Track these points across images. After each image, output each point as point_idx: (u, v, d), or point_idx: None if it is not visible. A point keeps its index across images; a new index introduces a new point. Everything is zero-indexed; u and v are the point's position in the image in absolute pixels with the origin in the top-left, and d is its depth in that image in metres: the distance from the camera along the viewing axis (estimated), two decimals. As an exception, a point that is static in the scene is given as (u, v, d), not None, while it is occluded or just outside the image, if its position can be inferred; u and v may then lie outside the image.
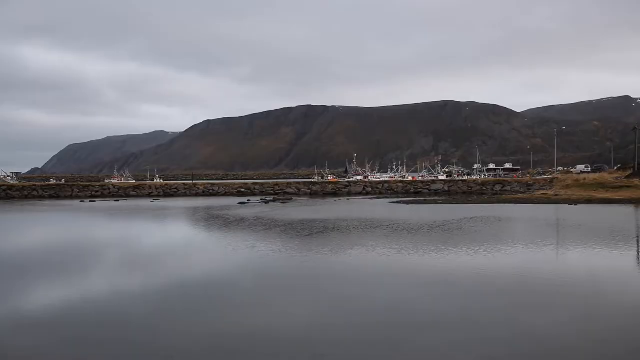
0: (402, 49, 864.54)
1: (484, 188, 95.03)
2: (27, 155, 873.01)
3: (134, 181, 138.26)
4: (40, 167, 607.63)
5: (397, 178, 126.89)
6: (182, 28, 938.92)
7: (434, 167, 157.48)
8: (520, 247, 27.57)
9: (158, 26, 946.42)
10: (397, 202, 67.41)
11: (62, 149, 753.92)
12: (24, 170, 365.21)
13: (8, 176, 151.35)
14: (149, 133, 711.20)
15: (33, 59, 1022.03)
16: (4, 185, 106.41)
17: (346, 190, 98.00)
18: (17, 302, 17.79)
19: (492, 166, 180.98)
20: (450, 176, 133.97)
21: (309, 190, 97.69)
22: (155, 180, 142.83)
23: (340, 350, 12.70)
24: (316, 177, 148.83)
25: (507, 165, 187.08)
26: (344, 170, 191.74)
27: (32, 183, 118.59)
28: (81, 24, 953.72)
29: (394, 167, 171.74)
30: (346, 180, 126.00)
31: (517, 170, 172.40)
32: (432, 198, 77.77)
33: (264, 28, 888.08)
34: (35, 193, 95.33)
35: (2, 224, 49.53)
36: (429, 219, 43.67)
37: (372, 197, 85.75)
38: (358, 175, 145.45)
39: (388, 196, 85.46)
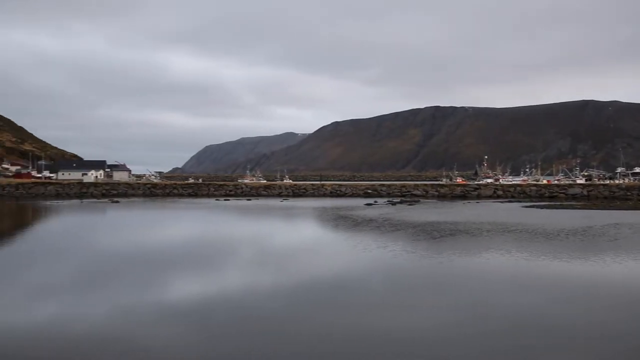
0: (538, 47, 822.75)
1: (629, 193, 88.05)
2: (169, 155, 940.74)
3: (264, 181, 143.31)
4: (180, 166, 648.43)
5: (530, 181, 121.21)
6: (314, 32, 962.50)
7: (571, 170, 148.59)
8: (674, 258, 25.18)
9: (291, 30, 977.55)
10: (531, 206, 64.35)
11: (200, 149, 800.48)
12: (166, 169, 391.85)
13: (152, 175, 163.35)
14: (280, 134, 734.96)
15: (176, 64, 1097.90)
16: (149, 183, 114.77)
17: (475, 193, 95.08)
18: (160, 294, 19.01)
19: (638, 170, 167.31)
20: (590, 180, 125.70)
21: (437, 193, 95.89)
22: (284, 181, 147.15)
23: (464, 356, 12.25)
24: (444, 180, 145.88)
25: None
26: (474, 172, 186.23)
27: (172, 182, 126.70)
28: (220, 30, 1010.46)
29: (527, 169, 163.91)
30: (476, 182, 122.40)
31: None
32: (569, 203, 73.38)
33: (393, 29, 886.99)
34: (175, 191, 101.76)
35: (148, 220, 53.37)
36: (567, 224, 41.18)
37: (503, 200, 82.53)
38: (488, 177, 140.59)
39: (520, 200, 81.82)
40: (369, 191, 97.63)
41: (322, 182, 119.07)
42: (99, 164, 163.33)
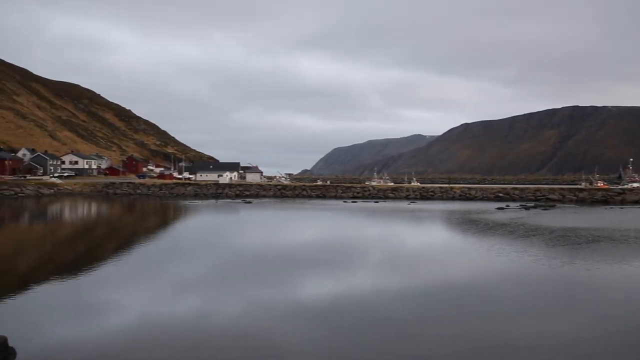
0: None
1: None
2: (298, 157, 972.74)
3: (392, 183, 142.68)
4: (309, 168, 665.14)
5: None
6: (443, 32, 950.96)
7: None
8: None
9: (419, 32, 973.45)
10: (685, 213, 58.66)
11: (328, 151, 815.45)
12: (295, 171, 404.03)
13: (283, 177, 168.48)
14: (408, 137, 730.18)
15: (307, 69, 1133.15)
16: (279, 185, 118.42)
17: (619, 198, 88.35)
18: (292, 293, 19.39)
19: None
20: None
21: (575, 197, 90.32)
22: (412, 183, 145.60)
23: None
24: (583, 183, 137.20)
25: None
26: (617, 176, 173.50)
27: (302, 183, 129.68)
28: (349, 34, 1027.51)
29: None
30: (619, 187, 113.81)
31: None
32: None
33: (531, 27, 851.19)
34: (304, 193, 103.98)
35: (279, 221, 54.94)
36: None
37: (652, 206, 75.95)
38: (635, 181, 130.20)
39: (673, 206, 74.86)
40: (501, 195, 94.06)
41: (451, 185, 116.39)
42: (233, 166, 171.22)
